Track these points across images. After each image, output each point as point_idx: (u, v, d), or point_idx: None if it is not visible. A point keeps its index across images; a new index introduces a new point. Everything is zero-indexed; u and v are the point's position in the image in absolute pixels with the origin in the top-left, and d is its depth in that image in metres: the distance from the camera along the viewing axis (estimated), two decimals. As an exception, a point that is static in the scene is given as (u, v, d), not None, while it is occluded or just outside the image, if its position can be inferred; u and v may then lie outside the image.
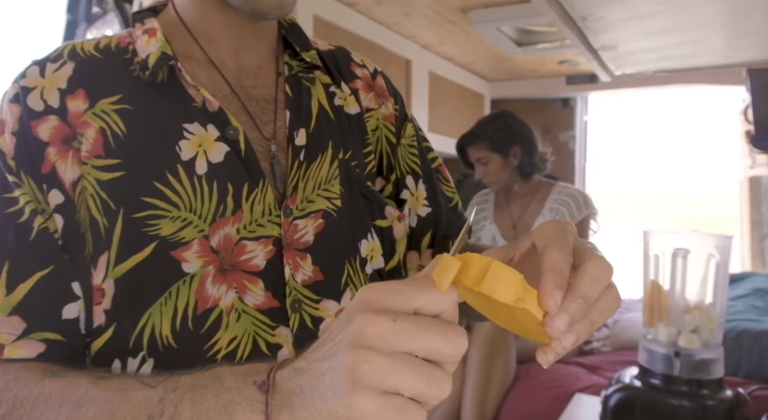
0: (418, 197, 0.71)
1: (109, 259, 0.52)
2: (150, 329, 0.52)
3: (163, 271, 0.52)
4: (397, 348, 0.32)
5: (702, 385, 1.09)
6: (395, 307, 0.33)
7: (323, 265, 0.59)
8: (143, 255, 0.52)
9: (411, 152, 0.72)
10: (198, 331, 0.53)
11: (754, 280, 2.22)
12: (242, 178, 0.56)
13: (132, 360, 0.52)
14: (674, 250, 1.10)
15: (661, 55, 1.10)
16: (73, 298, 0.52)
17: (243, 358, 0.54)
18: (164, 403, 0.41)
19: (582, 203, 1.92)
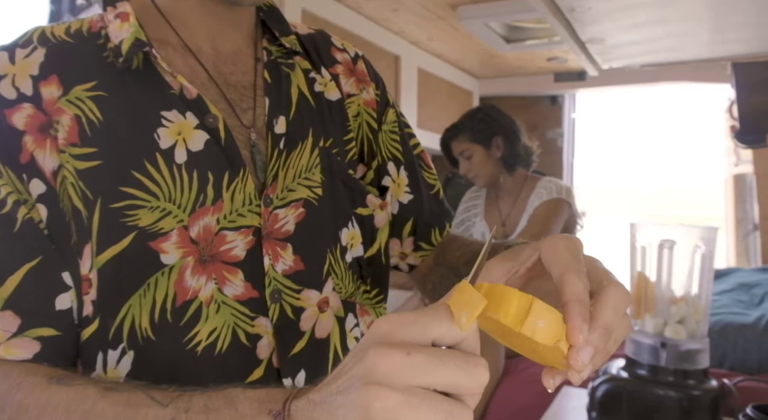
0: (399, 184, 0.70)
1: (92, 249, 0.51)
2: (130, 321, 0.51)
3: (141, 262, 0.52)
4: (413, 383, 0.31)
5: (688, 376, 1.09)
6: (411, 339, 0.32)
7: (304, 255, 0.58)
8: (122, 246, 0.51)
9: (392, 139, 0.71)
10: (177, 324, 0.52)
11: (739, 276, 2.24)
12: (223, 167, 0.55)
13: (112, 352, 0.52)
14: (660, 241, 1.10)
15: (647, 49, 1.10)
16: (64, 288, 0.51)
17: (223, 349, 0.53)
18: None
19: (562, 190, 1.92)
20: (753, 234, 3.02)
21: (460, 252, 0.69)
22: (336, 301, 0.61)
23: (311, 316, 0.59)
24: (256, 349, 0.55)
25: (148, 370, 0.52)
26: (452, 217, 0.76)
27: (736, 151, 3.44)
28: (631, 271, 1.18)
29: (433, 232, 0.73)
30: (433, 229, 0.73)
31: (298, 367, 0.57)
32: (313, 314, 0.59)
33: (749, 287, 2.04)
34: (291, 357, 0.56)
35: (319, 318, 0.59)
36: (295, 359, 0.57)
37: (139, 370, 0.52)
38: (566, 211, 1.93)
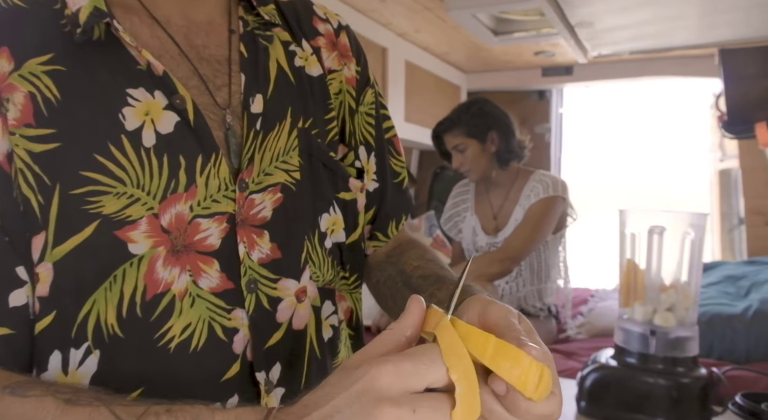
0: (368, 171, 0.67)
1: (46, 240, 0.47)
2: (95, 317, 0.48)
3: (106, 252, 0.48)
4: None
5: (677, 363, 1.08)
6: (409, 388, 0.34)
7: (282, 242, 0.55)
8: (83, 235, 0.47)
9: (368, 122, 0.68)
10: (147, 319, 0.49)
11: (726, 269, 2.25)
12: (195, 151, 0.52)
13: (75, 351, 0.48)
14: (650, 227, 1.09)
15: (636, 34, 1.09)
16: (18, 283, 0.47)
17: (198, 346, 0.50)
18: None
19: (558, 186, 1.91)
20: (738, 228, 3.04)
21: (417, 263, 0.66)
22: (313, 290, 0.59)
23: (288, 307, 0.56)
24: (232, 344, 0.52)
25: (115, 371, 0.49)
26: (412, 207, 0.74)
27: (722, 147, 3.47)
28: (620, 258, 1.17)
29: (391, 223, 0.70)
30: (392, 221, 0.70)
31: (273, 360, 0.54)
32: (290, 305, 0.56)
33: (736, 279, 2.04)
34: (266, 350, 0.54)
35: (296, 309, 0.57)
36: (270, 352, 0.54)
37: (105, 370, 0.48)
38: (560, 207, 1.93)
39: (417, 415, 0.33)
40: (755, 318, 1.57)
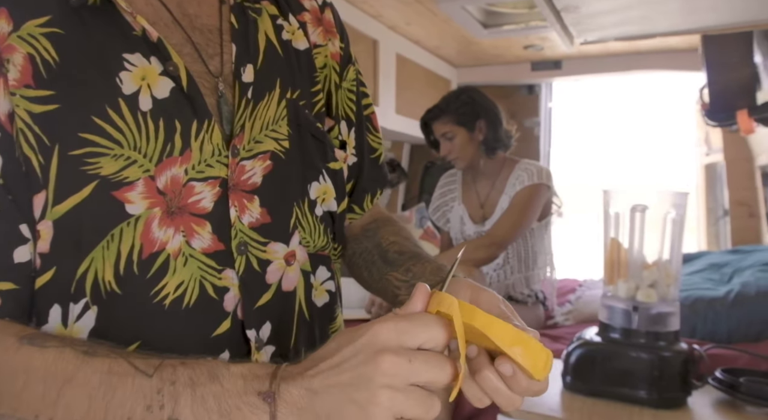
0: (348, 145, 0.70)
1: (46, 199, 0.48)
2: (93, 275, 0.49)
3: (104, 212, 0.49)
4: (410, 383, 0.39)
5: (659, 338, 1.11)
6: (404, 344, 0.39)
7: (271, 208, 0.57)
8: (82, 195, 0.49)
9: (349, 98, 0.70)
10: (143, 277, 0.50)
11: (710, 258, 2.29)
12: (190, 116, 0.53)
13: (73, 305, 0.50)
14: (633, 205, 1.12)
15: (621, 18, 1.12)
16: (22, 240, 0.49)
17: (190, 303, 0.52)
18: (163, 395, 0.41)
19: (543, 174, 1.94)
20: (723, 219, 3.09)
21: (394, 239, 0.69)
22: (302, 255, 0.61)
23: (278, 269, 0.58)
24: (223, 302, 0.54)
25: (113, 326, 0.50)
26: (387, 182, 0.77)
27: (707, 141, 3.52)
28: (605, 237, 1.20)
29: (366, 197, 0.73)
30: (367, 195, 0.73)
31: (263, 320, 0.56)
32: (279, 267, 0.58)
33: (719, 267, 2.09)
34: (256, 309, 0.55)
35: (285, 271, 0.59)
36: (261, 311, 0.56)
37: (103, 325, 0.50)
38: (545, 195, 1.95)
39: (412, 365, 0.38)
40: (736, 300, 1.61)
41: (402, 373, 0.38)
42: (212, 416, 0.40)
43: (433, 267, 0.63)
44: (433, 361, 0.39)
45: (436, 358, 0.40)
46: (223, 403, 0.40)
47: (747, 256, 2.10)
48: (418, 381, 0.39)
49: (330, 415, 0.39)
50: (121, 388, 0.41)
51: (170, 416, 0.40)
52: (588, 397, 1.14)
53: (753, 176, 2.65)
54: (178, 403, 0.41)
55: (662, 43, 2.74)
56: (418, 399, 0.39)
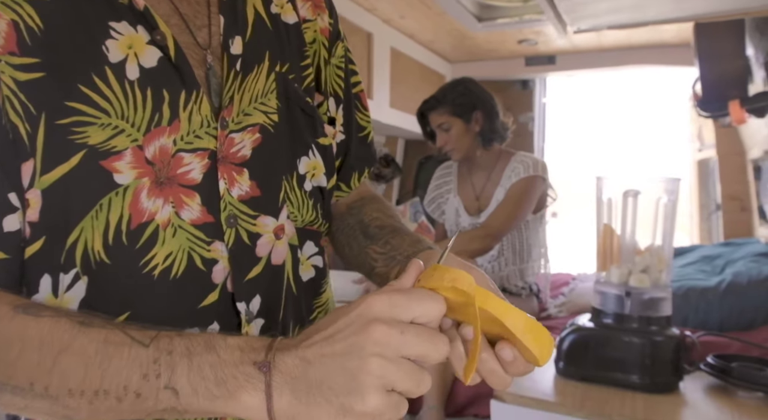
0: (337, 121, 0.69)
1: (34, 168, 0.48)
2: (83, 245, 0.49)
3: (93, 182, 0.49)
4: (402, 355, 0.39)
5: (651, 322, 1.12)
6: (398, 317, 0.39)
7: (260, 181, 0.57)
8: (70, 165, 0.48)
9: (337, 74, 0.70)
10: (133, 246, 0.50)
11: (702, 251, 2.31)
12: (178, 86, 0.53)
13: (64, 276, 0.49)
14: (625, 191, 1.13)
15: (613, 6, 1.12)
16: (11, 209, 0.48)
17: (178, 274, 0.52)
18: (160, 364, 0.41)
19: (538, 166, 1.94)
20: (716, 214, 3.11)
21: (377, 215, 0.69)
22: (290, 229, 0.61)
23: (267, 243, 0.57)
24: (211, 274, 0.53)
25: (103, 296, 0.50)
26: (375, 161, 0.76)
27: (700, 137, 3.54)
28: (597, 224, 1.20)
29: (354, 175, 0.73)
30: (355, 172, 0.73)
31: (254, 292, 0.56)
32: (269, 241, 0.58)
33: (711, 259, 2.10)
34: (246, 282, 0.55)
35: (275, 245, 0.58)
36: (251, 284, 0.56)
37: (93, 295, 0.50)
38: (540, 187, 1.96)
39: (404, 337, 0.39)
40: (728, 290, 1.62)
41: (393, 343, 0.38)
42: (209, 385, 0.40)
43: (412, 239, 0.63)
44: (426, 335, 0.40)
45: (428, 332, 0.40)
46: (220, 372, 0.40)
47: (739, 248, 2.11)
48: (409, 354, 0.39)
49: (322, 383, 0.39)
50: (117, 357, 0.41)
51: (167, 385, 0.41)
52: (581, 382, 1.14)
53: (745, 170, 2.67)
54: (174, 372, 0.41)
55: (655, 37, 2.76)
56: (409, 372, 0.39)
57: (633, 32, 2.68)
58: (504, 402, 1.10)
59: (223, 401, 0.40)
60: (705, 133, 3.39)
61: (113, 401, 0.41)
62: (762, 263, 1.75)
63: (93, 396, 0.41)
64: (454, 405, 1.59)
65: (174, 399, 0.41)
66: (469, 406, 1.58)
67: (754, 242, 2.20)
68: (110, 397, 0.41)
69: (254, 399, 0.40)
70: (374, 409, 0.38)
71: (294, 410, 0.39)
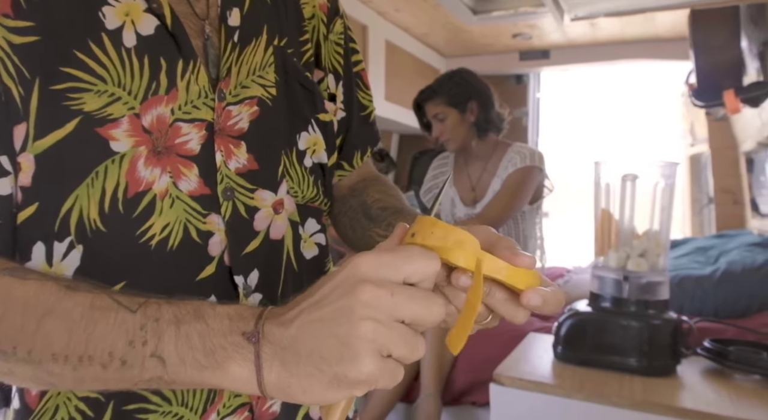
0: (337, 98, 0.69)
1: (27, 132, 0.47)
2: (78, 213, 0.48)
3: (88, 149, 0.48)
4: (393, 317, 0.37)
5: (649, 306, 1.12)
6: (387, 277, 0.37)
7: (258, 154, 0.56)
8: (65, 131, 0.47)
9: (336, 51, 0.69)
10: (129, 215, 0.49)
11: (696, 243, 2.32)
12: (175, 55, 0.52)
13: (58, 244, 0.48)
14: (623, 175, 1.13)
15: (611, -9, 1.13)
16: (3, 172, 0.47)
17: (174, 246, 0.51)
18: (146, 331, 0.40)
19: (535, 157, 1.95)
20: (708, 207, 3.13)
21: (379, 196, 0.68)
22: (291, 205, 0.60)
23: (266, 217, 0.57)
24: (207, 246, 0.53)
25: (98, 265, 0.49)
26: (378, 141, 0.76)
27: (692, 132, 3.56)
28: (595, 208, 1.21)
29: (356, 153, 0.72)
30: (357, 151, 0.72)
31: (252, 266, 0.55)
32: (267, 215, 0.57)
33: (705, 250, 2.11)
34: (244, 255, 0.55)
35: (274, 219, 0.58)
36: (249, 258, 0.55)
37: (88, 265, 0.49)
38: (537, 177, 1.96)
39: (394, 298, 0.37)
40: (723, 278, 1.63)
41: (384, 305, 0.36)
42: (196, 354, 0.39)
43: (413, 218, 0.62)
44: (419, 297, 0.37)
45: (422, 293, 0.38)
46: (208, 341, 0.39)
47: (732, 239, 2.13)
48: (401, 316, 0.37)
49: (312, 352, 0.37)
50: (102, 322, 0.40)
51: (153, 352, 0.39)
52: (579, 366, 1.15)
53: (737, 164, 2.69)
54: (161, 340, 0.39)
55: (649, 31, 2.77)
56: (403, 336, 0.37)
57: (627, 26, 2.69)
58: (503, 385, 1.10)
59: (212, 372, 0.39)
60: (697, 128, 3.41)
61: (98, 368, 0.40)
62: (756, 252, 1.77)
63: (77, 362, 0.40)
64: (451, 393, 1.59)
65: (161, 368, 0.39)
66: (467, 393, 1.58)
67: (746, 233, 2.22)
68: (95, 364, 0.40)
69: (244, 370, 0.38)
70: (368, 375, 0.36)
71: (284, 382, 0.38)
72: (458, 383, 1.58)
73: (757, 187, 2.44)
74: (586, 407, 1.03)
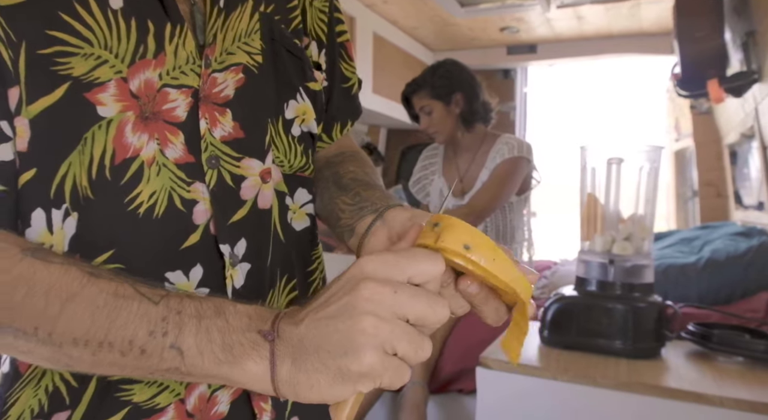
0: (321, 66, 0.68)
1: (21, 96, 0.46)
2: (71, 181, 0.47)
3: (77, 114, 0.47)
4: (396, 315, 0.38)
5: (634, 289, 1.13)
6: (391, 277, 0.38)
7: (243, 122, 0.56)
8: (55, 97, 0.46)
9: (320, 18, 0.68)
10: (117, 183, 0.49)
11: (681, 234, 2.34)
12: (163, 18, 0.51)
13: (56, 211, 0.48)
14: (609, 158, 1.14)
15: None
16: (4, 138, 0.46)
17: (159, 214, 0.50)
18: (168, 322, 0.40)
19: (524, 148, 1.95)
20: (692, 200, 3.16)
21: (353, 168, 0.68)
22: (277, 175, 0.59)
23: (252, 186, 0.56)
24: (192, 215, 0.52)
25: (89, 232, 0.48)
26: (359, 115, 0.75)
27: (677, 128, 3.60)
28: (581, 193, 1.21)
29: (336, 125, 0.71)
30: (337, 123, 0.71)
31: (239, 236, 0.55)
32: (254, 183, 0.56)
33: (690, 241, 2.13)
34: (231, 225, 0.54)
35: (261, 188, 0.57)
36: (235, 227, 0.54)
37: (81, 232, 0.48)
38: (525, 168, 1.97)
39: (397, 296, 0.37)
40: (707, 266, 1.65)
41: (386, 301, 0.37)
42: (215, 349, 0.40)
43: (384, 194, 0.61)
44: (422, 296, 0.38)
45: (425, 293, 0.39)
46: (227, 337, 0.40)
47: (716, 230, 2.15)
48: (404, 314, 0.38)
49: (319, 348, 0.38)
50: (125, 311, 0.41)
51: (173, 344, 0.40)
52: (565, 350, 1.15)
53: (721, 157, 2.72)
54: (182, 332, 0.40)
55: (634, 26, 2.79)
56: (406, 333, 0.38)
57: (613, 20, 2.71)
58: (489, 368, 1.10)
59: (228, 367, 0.40)
60: (682, 124, 3.45)
61: (117, 355, 0.41)
62: (739, 241, 1.78)
63: (97, 347, 0.41)
64: (438, 381, 1.59)
65: (179, 359, 0.40)
66: (454, 381, 1.58)
67: (730, 224, 2.24)
68: (114, 351, 0.40)
69: (259, 367, 0.39)
70: (370, 369, 0.37)
71: (294, 379, 0.39)
72: (445, 371, 1.58)
73: (741, 179, 2.47)
74: (572, 389, 1.03)
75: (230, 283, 0.53)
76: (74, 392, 0.49)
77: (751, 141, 2.19)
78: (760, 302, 1.55)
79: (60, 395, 0.49)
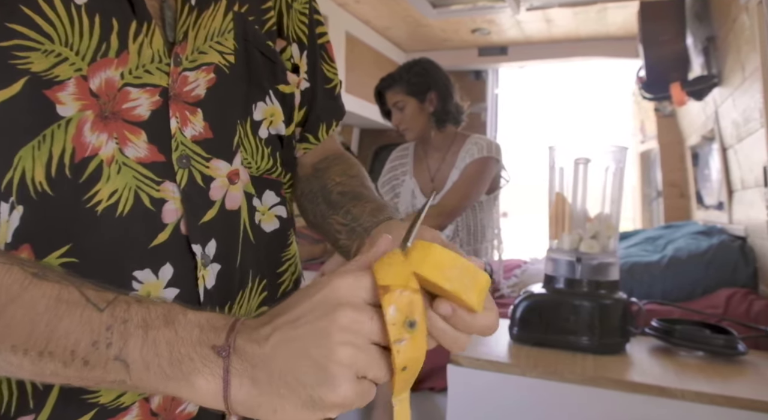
0: (301, 68, 0.68)
1: None
2: (20, 174, 0.46)
3: (36, 111, 0.46)
4: (371, 341, 0.37)
5: (600, 286, 1.16)
6: (366, 299, 0.37)
7: (214, 123, 0.55)
8: (12, 91, 0.45)
9: (301, 20, 0.68)
10: (76, 180, 0.48)
11: (645, 233, 2.41)
12: (128, 16, 0.50)
13: (4, 204, 0.46)
14: (576, 158, 1.16)
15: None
16: None
17: (124, 212, 0.50)
18: (112, 332, 0.38)
19: (492, 148, 1.98)
20: (656, 201, 3.25)
21: (340, 179, 0.67)
22: (245, 176, 0.59)
23: (221, 187, 0.56)
24: (161, 214, 0.52)
25: (42, 227, 0.47)
26: (343, 115, 0.75)
27: (642, 130, 3.70)
28: (550, 192, 1.23)
29: (321, 126, 0.71)
30: (322, 124, 0.71)
31: (209, 236, 0.54)
32: (222, 185, 0.56)
33: (654, 239, 2.19)
34: (202, 225, 0.54)
35: (229, 189, 0.57)
36: (206, 227, 0.54)
37: (29, 227, 0.47)
38: (494, 168, 1.99)
39: (374, 323, 0.37)
40: (670, 264, 1.70)
41: (363, 330, 0.36)
42: (162, 362, 0.38)
43: (372, 207, 0.61)
44: None
45: None
46: (175, 350, 0.38)
47: (679, 229, 2.22)
48: (378, 339, 0.37)
49: (287, 372, 0.36)
50: (67, 318, 0.39)
51: (117, 356, 0.38)
52: (534, 346, 1.17)
53: (684, 159, 2.81)
54: (127, 344, 0.38)
55: (601, 30, 2.86)
56: (380, 358, 0.37)
57: (581, 24, 2.77)
58: (460, 365, 1.11)
59: (176, 383, 0.38)
60: (647, 126, 3.55)
61: (59, 365, 0.39)
62: (700, 240, 1.84)
63: (37, 356, 0.38)
64: (410, 379, 1.59)
65: (124, 372, 0.38)
66: (425, 379, 1.59)
67: (692, 224, 2.31)
68: (55, 361, 0.38)
69: (210, 385, 0.37)
70: (344, 399, 0.36)
71: (254, 401, 0.37)
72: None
73: (702, 180, 2.55)
74: (540, 384, 1.05)
75: (202, 284, 0.52)
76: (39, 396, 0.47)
77: (711, 143, 2.27)
78: (720, 299, 1.61)
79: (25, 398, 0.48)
